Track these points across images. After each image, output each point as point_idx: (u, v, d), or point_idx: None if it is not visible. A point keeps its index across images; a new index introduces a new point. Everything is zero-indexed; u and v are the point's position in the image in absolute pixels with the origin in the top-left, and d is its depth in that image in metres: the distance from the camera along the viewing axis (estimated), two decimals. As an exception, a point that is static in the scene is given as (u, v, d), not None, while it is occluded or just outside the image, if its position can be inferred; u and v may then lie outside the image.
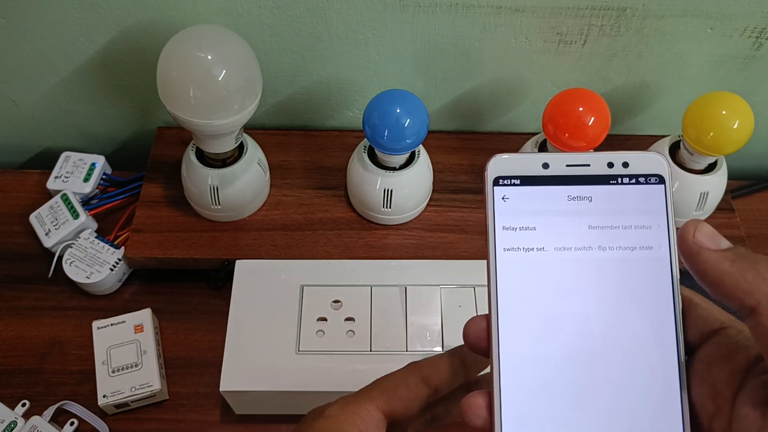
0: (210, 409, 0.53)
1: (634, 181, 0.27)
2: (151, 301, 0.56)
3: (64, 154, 0.63)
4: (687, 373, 0.25)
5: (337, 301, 0.51)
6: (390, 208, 0.56)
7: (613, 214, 0.26)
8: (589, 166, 0.27)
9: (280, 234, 0.57)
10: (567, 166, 0.27)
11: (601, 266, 0.26)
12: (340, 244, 0.56)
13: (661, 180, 0.27)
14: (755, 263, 0.22)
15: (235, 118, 0.49)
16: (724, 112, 0.51)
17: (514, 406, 0.26)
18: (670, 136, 0.58)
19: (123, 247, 0.57)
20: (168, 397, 0.53)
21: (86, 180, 0.61)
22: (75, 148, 0.63)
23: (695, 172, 0.55)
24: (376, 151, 0.54)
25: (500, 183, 0.27)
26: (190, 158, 0.55)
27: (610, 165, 0.27)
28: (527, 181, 0.27)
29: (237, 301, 0.50)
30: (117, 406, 0.51)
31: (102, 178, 0.62)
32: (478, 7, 0.55)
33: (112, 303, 0.58)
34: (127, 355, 0.52)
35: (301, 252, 0.56)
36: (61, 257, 0.57)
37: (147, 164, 0.61)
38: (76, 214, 0.58)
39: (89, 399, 0.52)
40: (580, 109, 0.51)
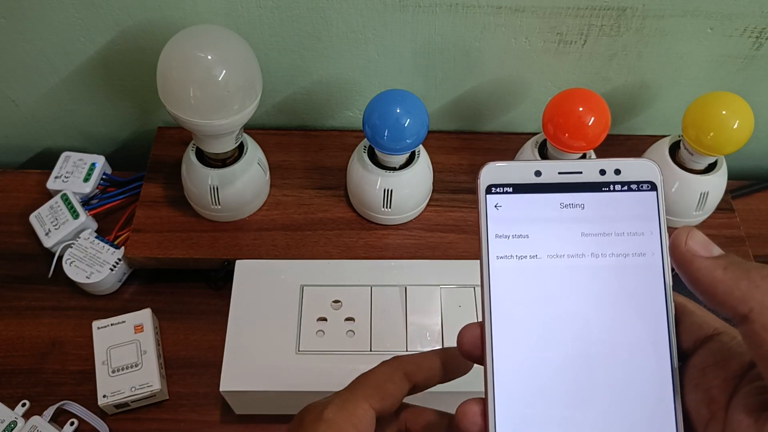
0: (210, 409, 0.53)
1: (626, 188, 0.27)
2: (151, 301, 0.56)
3: (64, 154, 0.63)
4: (681, 379, 0.25)
5: (337, 301, 0.51)
6: (390, 208, 0.55)
7: (606, 221, 0.26)
8: (582, 173, 0.27)
9: (280, 234, 0.57)
10: (559, 173, 0.27)
11: (594, 273, 0.26)
12: (340, 244, 0.56)
13: (653, 187, 0.27)
14: (748, 271, 0.22)
15: (235, 118, 0.49)
16: (724, 112, 0.51)
17: (509, 413, 0.26)
18: (670, 136, 0.58)
19: (123, 247, 0.57)
20: (168, 397, 0.53)
21: (86, 180, 0.61)
22: (75, 148, 0.63)
23: (695, 172, 0.55)
24: (376, 151, 0.54)
25: (493, 191, 0.27)
26: (190, 158, 0.55)
27: (602, 172, 0.27)
28: (520, 188, 0.27)
29: (237, 301, 0.50)
30: (117, 406, 0.51)
31: (102, 178, 0.62)
32: (478, 7, 0.55)
33: (112, 303, 0.58)
34: (127, 355, 0.52)
35: (301, 252, 0.56)
36: (61, 257, 0.57)
37: (147, 164, 0.61)
38: (76, 214, 0.58)
39: (89, 399, 0.52)
40: (580, 109, 0.51)
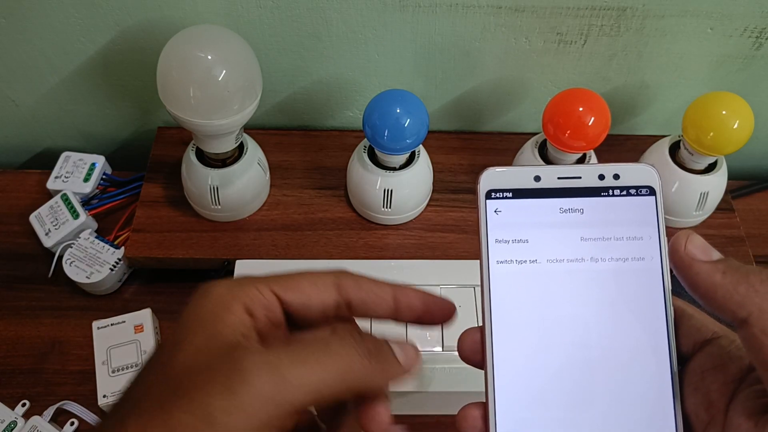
0: (210, 409, 0.53)
1: (625, 192, 0.27)
2: (151, 301, 0.56)
3: (64, 154, 0.63)
4: (680, 383, 0.26)
5: (337, 301, 0.51)
6: (390, 208, 0.55)
7: (605, 226, 0.27)
8: (581, 178, 0.27)
9: (280, 234, 0.57)
10: (558, 178, 0.27)
11: (594, 278, 0.26)
12: (340, 244, 0.56)
13: (651, 191, 0.27)
14: (747, 275, 0.22)
15: (235, 118, 0.49)
16: (724, 112, 0.51)
17: (509, 417, 0.26)
18: (670, 136, 0.58)
19: (123, 247, 0.57)
20: (168, 397, 0.53)
21: (86, 180, 0.61)
22: (75, 148, 0.63)
23: (695, 172, 0.55)
24: (376, 151, 0.54)
25: (492, 196, 0.27)
26: (190, 158, 0.55)
27: (601, 177, 0.27)
28: (519, 193, 0.27)
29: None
30: (117, 406, 0.51)
31: (102, 178, 0.62)
32: (478, 7, 0.55)
33: (112, 303, 0.58)
34: (127, 355, 0.52)
35: (301, 252, 0.56)
36: (61, 257, 0.57)
37: (147, 164, 0.61)
38: (76, 214, 0.58)
39: (89, 399, 0.52)
40: (580, 109, 0.51)
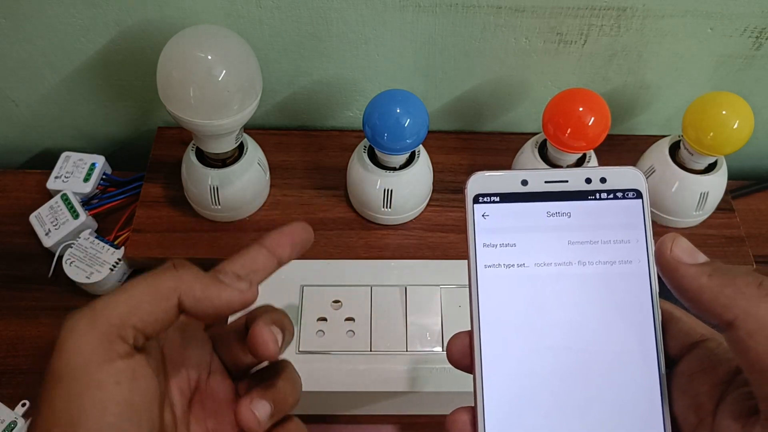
0: (210, 409, 0.53)
1: (612, 196, 0.27)
2: (151, 301, 0.56)
3: (64, 154, 0.63)
4: (669, 385, 0.26)
5: (337, 301, 0.51)
6: (390, 208, 0.55)
7: (592, 230, 0.27)
8: (568, 182, 0.27)
9: (280, 234, 0.57)
10: (546, 182, 0.27)
11: (582, 281, 0.26)
12: (340, 244, 0.56)
13: (638, 195, 0.27)
14: (732, 278, 0.22)
15: (235, 118, 0.49)
16: (724, 112, 0.51)
17: (498, 421, 0.26)
18: (670, 136, 0.58)
19: (123, 247, 0.57)
20: (168, 397, 0.53)
21: (86, 180, 0.61)
22: (75, 148, 0.63)
23: (695, 172, 0.55)
24: (376, 151, 0.54)
25: (480, 200, 0.27)
26: (190, 158, 0.55)
27: (588, 181, 0.27)
28: (507, 198, 0.27)
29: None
30: (117, 406, 0.51)
31: (102, 178, 0.62)
32: (478, 7, 0.55)
33: (112, 303, 0.57)
34: (127, 355, 0.52)
35: (301, 252, 0.56)
36: (61, 257, 0.57)
37: (147, 164, 0.61)
38: (76, 214, 0.58)
39: (89, 399, 0.52)
40: (580, 109, 0.51)
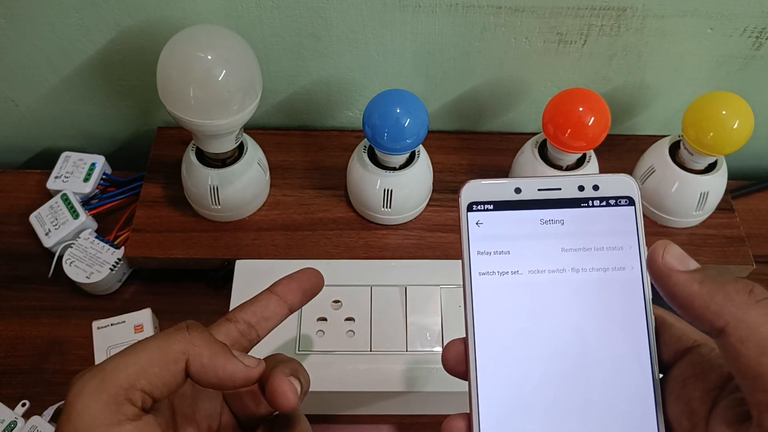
0: (210, 409, 0.53)
1: (604, 203, 0.27)
2: (151, 301, 0.56)
3: (64, 154, 0.63)
4: (662, 391, 0.26)
5: (337, 301, 0.51)
6: (390, 208, 0.55)
7: (586, 237, 0.27)
8: (561, 189, 0.27)
9: (280, 234, 0.57)
10: (539, 190, 0.27)
11: (575, 288, 0.27)
12: (340, 244, 0.56)
13: (631, 201, 0.27)
14: (723, 285, 0.23)
15: (235, 118, 0.49)
16: (724, 112, 0.51)
17: (494, 428, 0.26)
18: (670, 136, 0.58)
19: (123, 247, 0.57)
20: (168, 397, 0.53)
21: (86, 180, 0.61)
22: (75, 148, 0.63)
23: (695, 172, 0.55)
24: (376, 151, 0.54)
25: (474, 208, 0.27)
26: (190, 158, 0.55)
27: (581, 188, 0.27)
28: (500, 206, 0.27)
29: (237, 301, 0.50)
30: (117, 406, 0.51)
31: (102, 178, 0.62)
32: (478, 7, 0.55)
33: (112, 303, 0.58)
34: (127, 355, 0.52)
35: (301, 252, 0.56)
36: (61, 257, 0.57)
37: (147, 164, 0.61)
38: (76, 214, 0.58)
39: (89, 399, 0.52)
40: (580, 109, 0.51)
